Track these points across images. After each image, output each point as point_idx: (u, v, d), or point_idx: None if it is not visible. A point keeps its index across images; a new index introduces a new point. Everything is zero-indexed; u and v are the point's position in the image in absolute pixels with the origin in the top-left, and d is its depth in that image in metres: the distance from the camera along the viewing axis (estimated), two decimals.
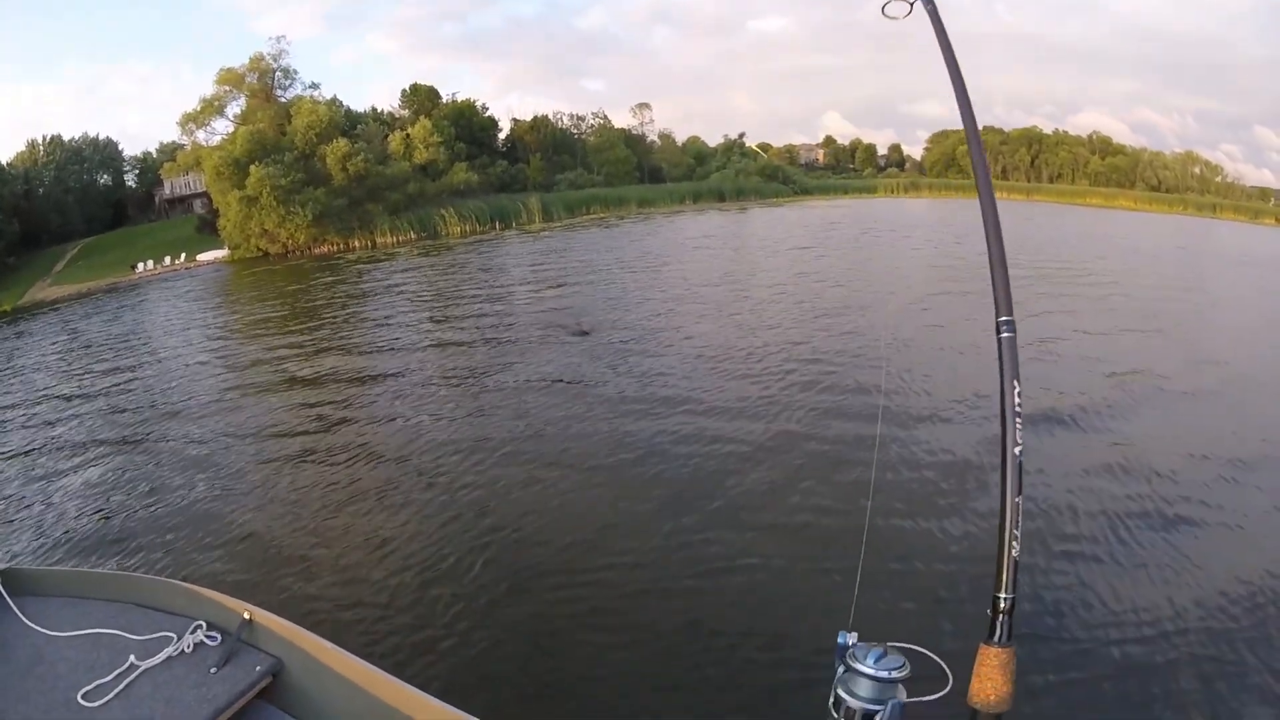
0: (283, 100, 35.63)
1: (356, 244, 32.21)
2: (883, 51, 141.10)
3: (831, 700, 0.98)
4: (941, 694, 0.89)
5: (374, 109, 45.72)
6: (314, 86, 36.98)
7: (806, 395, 8.36)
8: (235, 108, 35.25)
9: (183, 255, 31.78)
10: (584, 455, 6.89)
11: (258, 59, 35.12)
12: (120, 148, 48.12)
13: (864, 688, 0.90)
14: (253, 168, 30.03)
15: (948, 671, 0.89)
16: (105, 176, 46.58)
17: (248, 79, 34.97)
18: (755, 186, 54.40)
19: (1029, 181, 74.59)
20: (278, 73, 35.74)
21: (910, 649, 0.94)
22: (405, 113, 44.57)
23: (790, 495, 5.96)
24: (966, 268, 16.69)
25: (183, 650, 2.69)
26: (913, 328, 11.84)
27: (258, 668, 2.62)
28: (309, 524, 5.93)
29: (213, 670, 2.60)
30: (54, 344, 16.78)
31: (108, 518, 6.42)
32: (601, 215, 40.41)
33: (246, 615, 2.77)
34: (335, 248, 31.75)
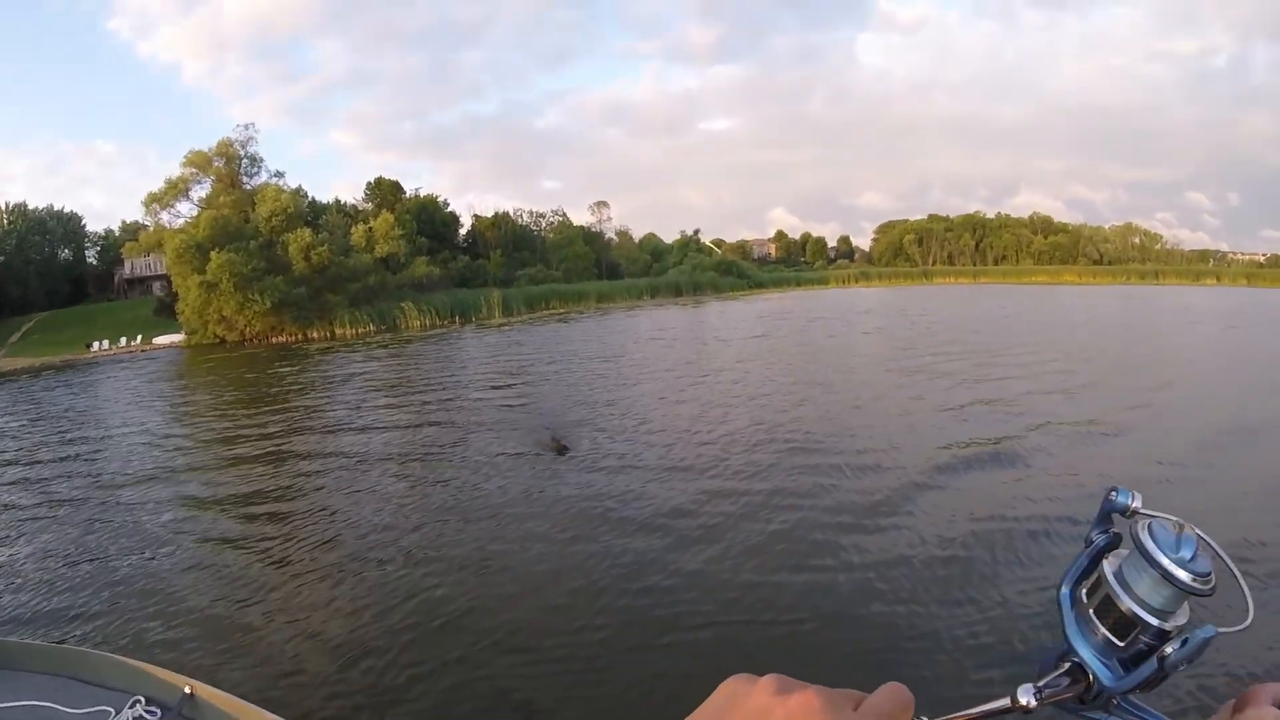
0: (248, 187, 36.16)
1: (315, 334, 32.45)
2: (825, 147, 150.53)
3: (1081, 583, 0.65)
4: (1239, 629, 0.60)
5: (337, 200, 47.18)
6: (279, 175, 37.86)
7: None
8: (200, 191, 35.71)
9: (139, 337, 31.98)
10: (539, 549, 6.55)
11: (225, 144, 35.81)
12: (83, 222, 48.66)
13: (1149, 586, 0.58)
14: (214, 254, 30.29)
15: (1249, 600, 0.58)
16: (66, 251, 46.79)
17: (215, 163, 35.53)
18: (711, 281, 56.58)
19: (975, 265, 77.96)
20: (244, 159, 36.45)
21: (1205, 540, 0.61)
22: (369, 205, 45.81)
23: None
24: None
25: None
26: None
27: None
28: (252, 598, 5.91)
29: None
30: (3, 418, 16.73)
31: (45, 588, 6.28)
32: (561, 310, 41.34)
33: (188, 690, 2.69)
34: (294, 337, 31.95)
